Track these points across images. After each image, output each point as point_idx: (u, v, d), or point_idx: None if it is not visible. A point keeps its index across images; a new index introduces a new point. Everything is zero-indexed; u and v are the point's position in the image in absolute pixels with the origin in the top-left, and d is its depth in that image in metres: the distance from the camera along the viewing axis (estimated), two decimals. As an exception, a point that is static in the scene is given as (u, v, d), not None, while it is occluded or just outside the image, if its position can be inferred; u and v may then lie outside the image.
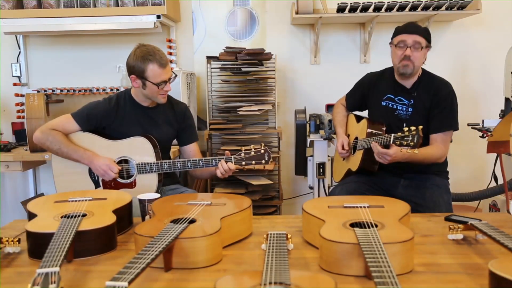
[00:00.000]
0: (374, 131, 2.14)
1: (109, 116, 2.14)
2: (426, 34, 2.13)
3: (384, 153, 1.99)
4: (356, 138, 2.30)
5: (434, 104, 2.13)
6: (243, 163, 2.00)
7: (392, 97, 2.22)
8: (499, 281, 0.95)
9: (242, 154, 2.01)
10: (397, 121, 2.18)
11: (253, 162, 2.00)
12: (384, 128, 2.15)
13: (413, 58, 2.09)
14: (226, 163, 1.99)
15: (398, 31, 2.16)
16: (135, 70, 2.05)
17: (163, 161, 2.05)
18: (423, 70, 2.22)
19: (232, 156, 2.01)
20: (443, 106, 2.13)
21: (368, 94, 2.33)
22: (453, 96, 2.15)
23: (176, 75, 2.15)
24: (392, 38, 2.18)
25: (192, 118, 2.34)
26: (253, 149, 2.01)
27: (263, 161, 2.00)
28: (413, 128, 1.89)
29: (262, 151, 2.00)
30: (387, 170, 2.19)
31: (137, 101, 2.17)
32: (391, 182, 2.22)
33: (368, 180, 2.22)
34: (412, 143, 1.88)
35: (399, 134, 1.92)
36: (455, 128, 2.16)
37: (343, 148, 2.31)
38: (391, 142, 1.95)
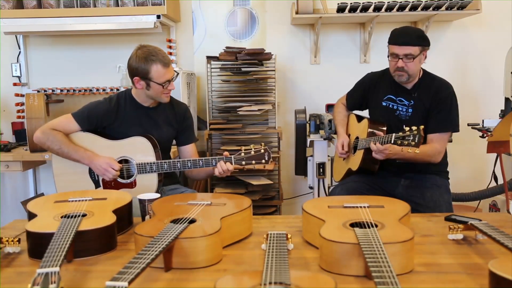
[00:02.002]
0: (375, 131, 2.14)
1: (109, 116, 2.14)
2: (419, 41, 2.08)
3: (383, 149, 1.99)
4: (357, 138, 2.30)
5: (433, 105, 2.13)
6: (243, 162, 2.00)
7: (393, 97, 2.22)
8: (499, 281, 0.95)
9: (242, 154, 2.01)
10: (397, 122, 2.18)
11: (253, 162, 2.00)
12: (385, 128, 2.15)
13: (406, 69, 2.09)
14: (225, 163, 2.00)
15: (390, 40, 2.13)
16: (138, 72, 2.04)
17: (163, 161, 2.05)
18: (424, 71, 2.22)
19: (232, 156, 2.01)
20: (442, 107, 2.13)
21: (369, 93, 2.33)
22: (453, 97, 2.15)
23: (177, 73, 2.15)
24: (388, 43, 2.17)
25: (192, 119, 2.35)
26: (253, 149, 2.01)
27: (263, 161, 1.99)
28: (414, 127, 1.88)
29: (262, 150, 2.00)
30: (387, 170, 2.20)
31: (137, 101, 2.17)
32: (391, 182, 2.22)
33: (368, 180, 2.22)
34: (413, 143, 1.87)
35: (400, 133, 1.92)
36: (454, 129, 2.15)
37: (342, 148, 2.31)
38: (392, 142, 1.95)
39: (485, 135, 2.66)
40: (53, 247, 1.16)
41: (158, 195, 1.68)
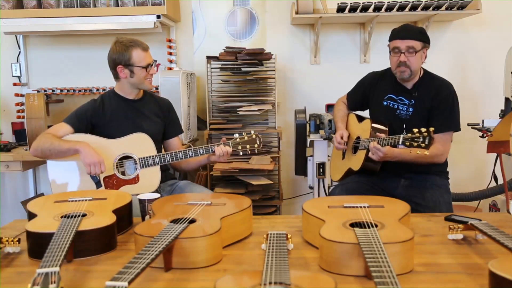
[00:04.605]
0: (377, 132, 2.13)
1: (97, 114, 2.18)
2: (420, 36, 2.11)
3: (378, 148, 1.99)
4: (358, 138, 2.29)
5: (435, 105, 2.13)
6: (239, 147, 2.14)
7: (394, 97, 2.22)
8: (499, 281, 0.95)
9: (238, 139, 2.14)
10: (397, 121, 2.18)
11: (248, 146, 2.15)
12: (387, 129, 2.15)
13: (408, 63, 2.10)
14: (224, 146, 2.13)
15: (392, 36, 2.16)
16: (120, 60, 2.13)
17: (164, 153, 2.10)
18: (424, 70, 2.22)
19: (229, 141, 2.14)
20: (444, 107, 2.13)
21: (370, 93, 2.33)
22: (454, 96, 2.15)
23: (156, 60, 2.25)
24: (388, 41, 2.19)
25: (175, 112, 2.42)
26: (246, 135, 2.16)
27: (256, 145, 2.16)
28: (423, 129, 1.86)
29: (254, 136, 2.16)
30: (387, 171, 2.19)
31: (122, 95, 2.23)
32: (391, 182, 2.21)
33: (368, 180, 2.22)
34: (423, 145, 1.85)
35: (409, 135, 1.90)
36: (456, 129, 2.16)
37: (341, 139, 2.28)
38: (400, 143, 1.93)
39: (485, 135, 2.66)
40: (53, 247, 1.16)
41: (158, 195, 1.68)
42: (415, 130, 1.88)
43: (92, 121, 2.17)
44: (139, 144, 2.10)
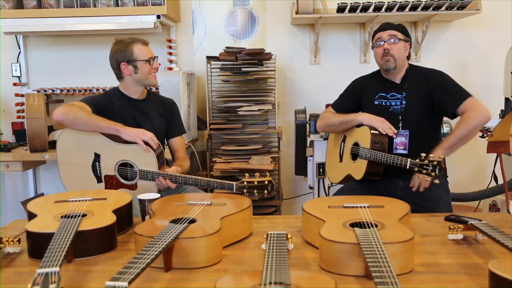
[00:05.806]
0: (378, 143, 2.11)
1: (106, 109, 2.18)
2: (400, 28, 2.20)
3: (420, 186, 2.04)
4: (356, 143, 2.27)
5: (432, 90, 2.13)
6: (245, 190, 1.86)
7: (384, 94, 2.23)
8: (499, 281, 0.95)
9: (245, 183, 1.87)
10: (392, 117, 2.17)
11: (255, 191, 1.86)
12: (387, 141, 2.14)
13: (392, 52, 2.14)
14: (165, 180, 1.99)
15: (374, 33, 2.25)
16: (123, 57, 2.13)
17: (165, 172, 2.02)
18: (410, 64, 2.26)
19: (234, 183, 1.89)
20: (444, 86, 2.12)
21: (362, 97, 2.31)
22: (447, 75, 2.17)
23: (157, 56, 2.25)
24: (372, 42, 2.25)
25: (179, 112, 2.41)
26: (256, 180, 1.86)
27: (265, 191, 1.87)
28: (431, 156, 1.82)
29: (266, 182, 1.84)
30: (384, 172, 2.18)
31: (126, 95, 2.23)
32: (389, 184, 2.20)
33: (366, 183, 2.21)
34: (434, 174, 1.80)
35: (417, 160, 1.86)
36: (469, 94, 2.11)
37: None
38: (407, 167, 1.89)
39: (485, 135, 2.66)
40: (53, 247, 1.16)
41: (158, 195, 1.68)
42: (423, 154, 1.85)
43: (101, 112, 2.15)
44: (141, 155, 2.07)
